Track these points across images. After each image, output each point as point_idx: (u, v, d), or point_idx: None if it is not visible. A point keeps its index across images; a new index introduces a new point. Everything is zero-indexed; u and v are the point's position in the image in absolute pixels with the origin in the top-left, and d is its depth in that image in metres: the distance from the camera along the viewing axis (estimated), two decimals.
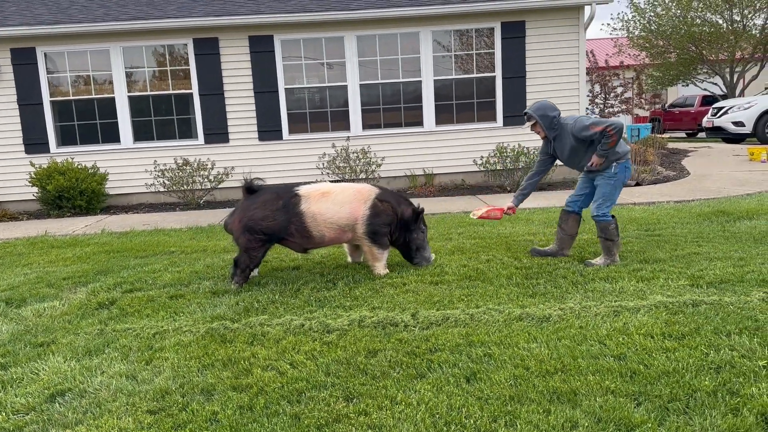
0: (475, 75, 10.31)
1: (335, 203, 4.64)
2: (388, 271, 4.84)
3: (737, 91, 22.84)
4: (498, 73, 10.25)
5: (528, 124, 5.03)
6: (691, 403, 2.65)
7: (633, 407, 2.64)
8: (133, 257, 5.97)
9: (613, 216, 4.93)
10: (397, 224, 4.80)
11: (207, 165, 9.70)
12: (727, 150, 14.16)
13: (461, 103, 10.38)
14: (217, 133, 10.06)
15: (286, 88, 10.03)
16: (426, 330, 3.62)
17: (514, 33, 10.10)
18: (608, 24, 37.59)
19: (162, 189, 9.78)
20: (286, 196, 4.63)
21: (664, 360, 3.06)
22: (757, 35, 21.82)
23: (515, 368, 3.04)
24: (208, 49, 9.87)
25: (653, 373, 2.93)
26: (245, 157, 10.11)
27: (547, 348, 3.27)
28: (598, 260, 4.90)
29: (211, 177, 9.72)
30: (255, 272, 4.99)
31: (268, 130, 10.07)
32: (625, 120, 20.08)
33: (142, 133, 10.14)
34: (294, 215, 4.58)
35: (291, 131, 10.16)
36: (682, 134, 22.88)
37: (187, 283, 4.86)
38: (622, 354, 3.16)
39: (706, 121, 17.64)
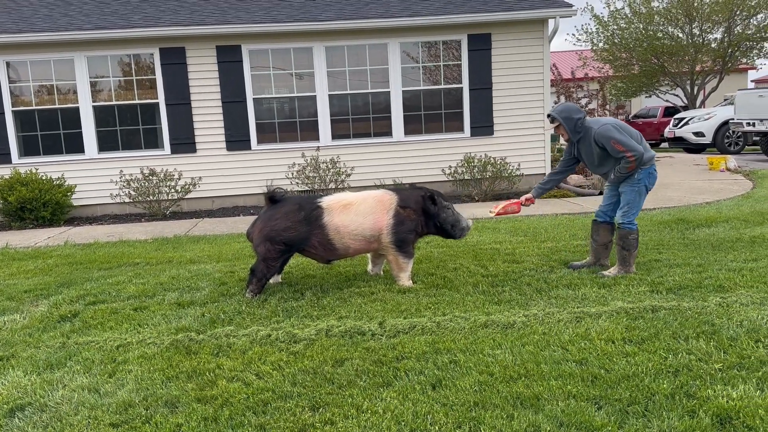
0: (442, 86, 10.43)
1: (358, 214, 4.61)
2: (412, 283, 4.76)
3: (698, 103, 23.54)
4: (465, 85, 10.39)
5: (552, 126, 4.97)
6: (649, 406, 2.72)
7: (594, 411, 2.70)
8: (96, 269, 5.87)
9: (636, 227, 4.85)
10: (423, 222, 4.77)
11: (174, 175, 9.60)
12: (688, 160, 14.56)
13: (429, 114, 10.48)
14: (184, 143, 9.96)
15: (254, 98, 10.00)
16: (393, 338, 3.64)
17: (481, 45, 10.27)
18: (573, 35, 38.33)
19: (128, 200, 9.64)
20: (309, 207, 4.60)
21: (625, 364, 3.13)
22: (716, 48, 22.55)
23: (480, 374, 3.08)
24: (174, 59, 9.79)
25: (614, 377, 3.00)
26: (213, 167, 10.03)
27: (512, 354, 3.33)
28: (612, 271, 4.84)
29: (177, 187, 9.61)
30: (278, 278, 5.01)
31: (237, 140, 10.02)
32: None
33: (107, 143, 9.98)
34: (316, 228, 4.56)
35: (260, 141, 10.13)
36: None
37: (152, 295, 4.80)
38: (584, 359, 3.23)
39: (668, 132, 18.14)
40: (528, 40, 10.34)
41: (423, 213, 4.75)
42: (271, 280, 4.92)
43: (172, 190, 9.57)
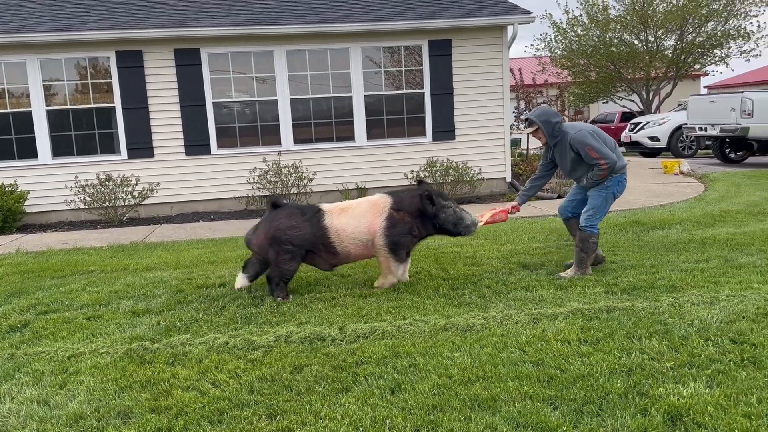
0: (405, 91, 10.48)
1: (353, 217, 4.64)
2: (395, 281, 4.78)
3: (653, 108, 24.20)
4: (427, 90, 10.46)
5: (529, 129, 4.95)
6: (604, 405, 2.77)
7: (550, 411, 2.73)
8: (49, 277, 5.69)
9: (598, 231, 4.93)
10: (419, 224, 4.72)
11: (131, 180, 9.39)
12: (643, 163, 14.93)
13: (392, 119, 10.52)
14: (142, 147, 9.76)
15: (214, 102, 9.87)
16: (353, 343, 3.63)
17: (441, 51, 10.35)
18: (532, 45, 39.05)
19: (83, 206, 9.38)
20: (310, 211, 4.68)
21: (580, 364, 3.18)
22: (670, 55, 23.24)
23: (439, 377, 3.09)
24: (131, 62, 9.60)
25: (569, 377, 3.05)
26: (171, 171, 9.85)
27: (470, 356, 3.35)
28: (569, 272, 4.91)
29: (135, 193, 9.40)
30: (246, 283, 4.93)
31: (196, 144, 9.86)
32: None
33: (61, 148, 9.71)
34: (319, 230, 4.58)
35: (220, 145, 9.99)
36: None
37: (106, 303, 4.68)
38: (541, 360, 3.27)
39: (624, 137, 18.58)
40: (488, 46, 10.48)
41: (419, 215, 4.70)
42: (238, 285, 4.88)
43: (129, 196, 9.36)
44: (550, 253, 5.76)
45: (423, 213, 4.70)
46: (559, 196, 9.86)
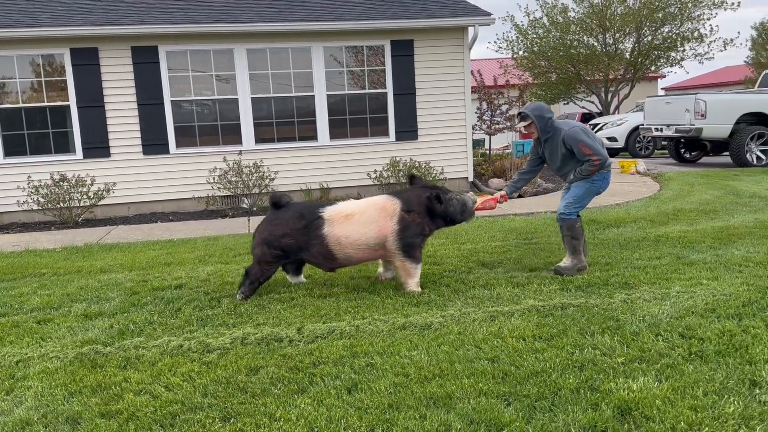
0: (367, 91, 10.48)
1: (360, 224, 4.51)
2: (420, 289, 4.61)
3: (612, 109, 24.75)
4: (389, 90, 10.48)
5: (522, 123, 4.97)
6: (556, 401, 2.81)
7: (503, 407, 2.76)
8: None
9: (578, 215, 5.01)
10: (429, 222, 4.65)
11: (86, 181, 9.15)
12: None
13: (355, 118, 10.51)
14: (98, 147, 9.53)
15: (172, 101, 9.70)
16: (311, 344, 3.61)
17: (403, 51, 10.39)
18: (495, 42, 39.41)
19: (36, 207, 9.11)
20: (310, 216, 4.54)
21: (534, 361, 3.23)
22: (628, 57, 23.80)
23: (396, 376, 3.10)
24: (87, 60, 9.36)
25: (523, 373, 3.09)
26: (129, 171, 9.64)
27: (427, 354, 3.36)
28: (566, 262, 4.94)
29: (90, 193, 9.17)
30: (301, 278, 4.98)
31: (154, 143, 9.68)
32: (510, 137, 21.17)
33: (13, 147, 9.41)
34: (315, 238, 4.49)
35: (179, 145, 9.83)
36: None
37: (58, 307, 4.55)
38: (496, 357, 3.31)
39: None
40: (449, 47, 10.56)
41: (428, 213, 4.65)
42: (293, 280, 4.97)
43: (85, 197, 9.12)
44: (509, 251, 5.83)
45: (432, 211, 4.64)
46: (519, 195, 9.99)
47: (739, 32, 48.00)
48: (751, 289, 4.28)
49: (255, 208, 9.42)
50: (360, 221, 4.53)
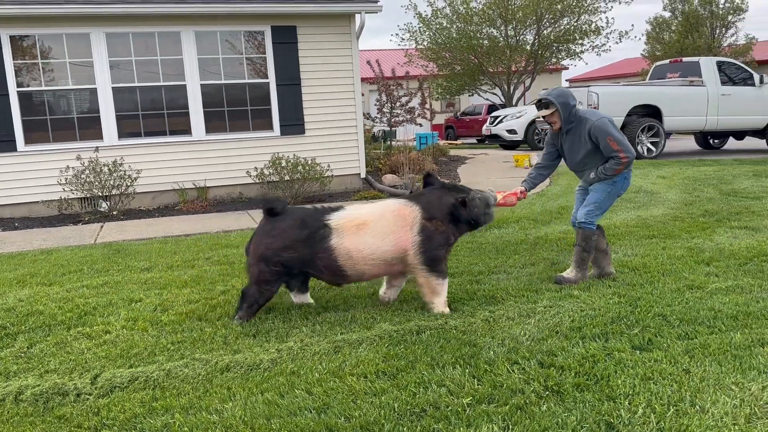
0: (247, 80, 9.70)
1: (375, 236, 3.79)
2: (448, 309, 3.94)
3: (514, 101, 25.01)
4: (272, 80, 9.75)
5: (545, 112, 4.34)
6: None
7: None
8: None
9: (599, 226, 4.46)
10: (453, 230, 3.97)
11: None
12: (500, 157, 15.19)
13: (234, 111, 9.71)
14: None
15: (19, 92, 8.54)
16: (103, 398, 2.93)
17: (286, 38, 9.68)
18: (398, 35, 39.29)
19: None
20: (314, 225, 3.80)
21: (369, 408, 2.72)
22: (528, 49, 24.07)
23: None
24: None
25: (351, 427, 2.56)
26: None
27: (243, 407, 2.78)
28: (569, 272, 4.45)
29: None
30: (307, 298, 4.21)
31: None
32: (411, 129, 20.89)
33: None
34: (322, 251, 3.77)
35: (28, 141, 8.69)
36: (474, 140, 24.46)
37: None
38: (327, 405, 2.77)
39: (485, 130, 18.95)
40: (335, 35, 9.95)
41: (453, 219, 3.96)
42: (297, 299, 4.21)
43: None
44: None
45: (457, 217, 3.96)
46: (412, 192, 9.59)
47: (633, 25, 50.18)
48: (622, 302, 3.99)
49: (115, 212, 8.45)
50: (374, 232, 3.82)
